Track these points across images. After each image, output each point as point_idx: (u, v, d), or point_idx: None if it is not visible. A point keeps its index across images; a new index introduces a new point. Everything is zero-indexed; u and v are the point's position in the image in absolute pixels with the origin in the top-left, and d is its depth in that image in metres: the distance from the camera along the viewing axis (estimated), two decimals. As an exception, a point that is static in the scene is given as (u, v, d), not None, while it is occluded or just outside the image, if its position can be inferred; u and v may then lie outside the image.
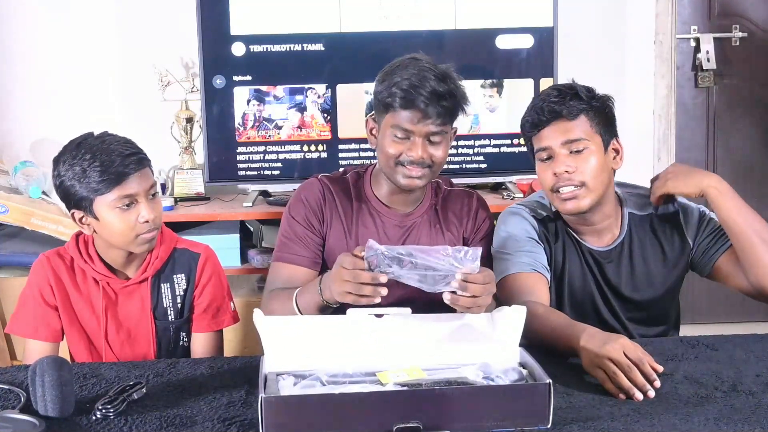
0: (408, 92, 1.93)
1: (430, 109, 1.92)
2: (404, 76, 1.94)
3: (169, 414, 1.54)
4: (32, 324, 2.01)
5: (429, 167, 1.99)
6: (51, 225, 3.07)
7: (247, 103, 3.27)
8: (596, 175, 1.96)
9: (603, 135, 1.99)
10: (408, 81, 1.93)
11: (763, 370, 1.72)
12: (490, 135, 3.34)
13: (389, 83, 1.96)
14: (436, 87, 1.92)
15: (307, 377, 1.50)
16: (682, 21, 3.87)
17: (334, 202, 2.09)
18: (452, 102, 1.95)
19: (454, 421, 1.41)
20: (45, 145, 3.42)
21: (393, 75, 1.97)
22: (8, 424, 1.47)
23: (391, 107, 1.96)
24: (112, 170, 1.86)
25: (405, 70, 1.96)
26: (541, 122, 1.99)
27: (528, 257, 2.02)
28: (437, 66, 1.97)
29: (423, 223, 2.10)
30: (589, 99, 1.98)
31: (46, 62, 3.52)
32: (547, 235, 2.07)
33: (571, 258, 2.06)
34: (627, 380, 1.59)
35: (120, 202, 1.88)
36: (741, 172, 4.01)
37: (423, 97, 1.92)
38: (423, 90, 1.92)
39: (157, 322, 2.04)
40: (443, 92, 1.93)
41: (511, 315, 1.57)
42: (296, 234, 2.07)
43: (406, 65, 1.98)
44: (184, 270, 2.06)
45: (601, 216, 2.03)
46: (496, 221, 2.14)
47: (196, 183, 3.40)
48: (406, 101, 1.93)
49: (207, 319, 2.07)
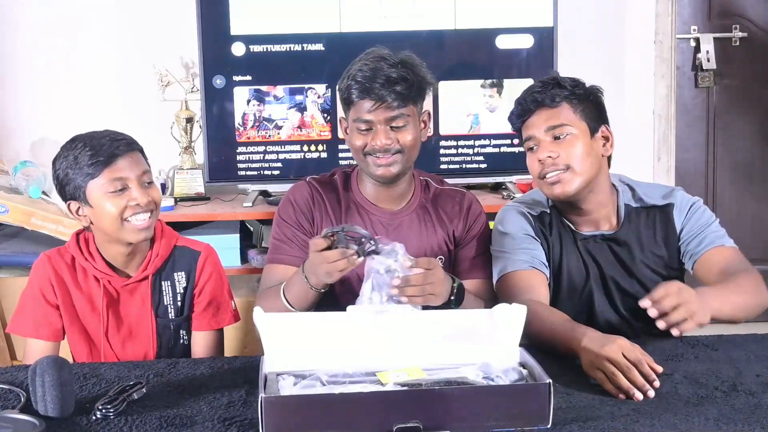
0: (362, 82, 1.98)
1: (384, 94, 1.96)
2: (358, 67, 2.00)
3: (169, 414, 1.54)
4: (33, 323, 2.01)
5: (400, 152, 2.01)
6: (51, 225, 3.07)
7: (247, 103, 3.27)
8: (582, 159, 1.97)
9: (589, 122, 2.00)
10: (362, 72, 1.99)
11: (763, 370, 1.72)
12: (490, 135, 3.34)
13: (346, 79, 2.02)
14: (390, 73, 1.97)
15: (307, 377, 1.50)
16: (682, 21, 3.87)
17: (323, 204, 2.11)
18: (407, 85, 1.98)
19: (454, 421, 1.41)
20: (45, 145, 3.43)
21: (349, 70, 2.03)
22: (8, 424, 1.46)
23: (351, 101, 2.01)
24: (101, 152, 1.89)
25: (359, 62, 2.02)
26: (524, 112, 2.02)
27: (526, 254, 2.02)
28: (392, 55, 2.02)
29: (412, 221, 2.11)
30: (573, 87, 2.00)
31: (46, 62, 3.52)
32: (543, 231, 2.07)
33: (568, 249, 2.06)
34: (626, 381, 1.59)
35: (111, 186, 1.89)
36: (741, 172, 4.01)
37: (377, 85, 1.96)
38: (377, 78, 1.97)
39: (157, 320, 2.04)
40: (397, 77, 1.97)
41: (511, 315, 1.57)
42: (287, 236, 2.10)
43: (360, 59, 2.03)
44: (184, 268, 2.06)
45: (595, 204, 2.03)
46: (494, 220, 2.15)
47: (196, 183, 3.40)
48: (361, 91, 1.99)
49: (207, 317, 2.07)
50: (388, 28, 3.26)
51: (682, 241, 2.06)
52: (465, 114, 3.34)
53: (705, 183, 3.98)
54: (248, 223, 3.38)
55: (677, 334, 1.69)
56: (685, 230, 2.05)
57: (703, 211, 2.07)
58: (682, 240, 2.05)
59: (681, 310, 1.68)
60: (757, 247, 3.93)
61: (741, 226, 3.86)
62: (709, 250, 2.02)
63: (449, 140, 3.33)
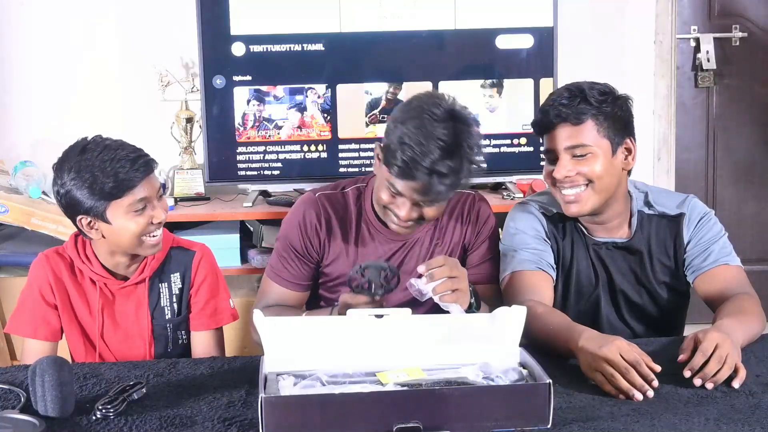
0: (406, 165, 1.82)
1: (427, 185, 1.83)
2: (410, 138, 1.81)
3: (169, 414, 1.54)
4: (31, 323, 2.01)
5: (421, 219, 1.95)
6: (51, 225, 3.06)
7: (247, 103, 3.27)
8: (600, 178, 1.95)
9: (612, 138, 1.96)
10: (411, 150, 1.80)
11: (763, 370, 1.72)
12: (490, 135, 3.33)
13: (395, 139, 1.84)
14: (439, 164, 1.80)
15: (307, 377, 1.50)
16: (682, 21, 3.87)
17: (331, 223, 2.07)
18: (453, 180, 1.84)
19: (454, 421, 1.41)
20: (45, 145, 3.42)
21: (401, 128, 1.84)
22: (8, 424, 1.47)
23: (390, 167, 1.86)
24: (124, 180, 1.86)
25: (414, 128, 1.82)
26: (548, 125, 1.97)
27: (534, 255, 2.01)
28: (452, 127, 1.83)
29: (424, 239, 2.09)
30: (599, 103, 1.94)
31: (46, 62, 3.51)
32: (555, 233, 2.06)
33: (579, 253, 2.05)
34: (625, 382, 1.59)
35: (134, 206, 1.89)
36: (741, 172, 4.01)
37: (422, 172, 1.82)
38: (423, 163, 1.80)
39: (154, 321, 2.04)
40: (446, 171, 1.82)
41: (511, 315, 1.57)
42: (290, 256, 2.09)
43: (417, 116, 1.83)
44: (179, 269, 2.06)
45: (610, 214, 2.02)
46: (506, 216, 2.13)
47: (196, 183, 3.40)
48: (403, 173, 1.83)
49: (205, 317, 2.07)
50: (388, 28, 3.25)
51: (687, 253, 2.04)
52: (465, 114, 3.34)
53: (705, 183, 3.98)
54: (248, 223, 3.38)
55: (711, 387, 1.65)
56: (692, 242, 2.03)
57: (712, 225, 2.04)
58: (687, 251, 2.04)
59: (724, 368, 1.65)
60: (757, 247, 3.93)
61: (741, 226, 3.86)
62: (713, 267, 2.00)
63: (449, 140, 3.33)
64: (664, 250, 2.05)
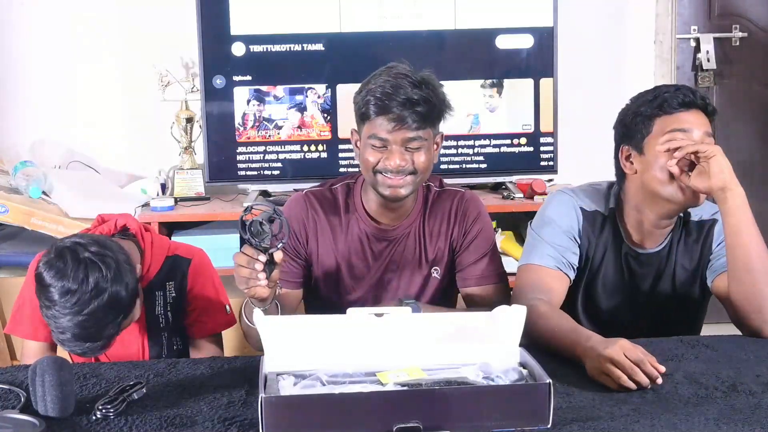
0: (381, 99, 1.91)
1: (405, 115, 1.90)
2: (378, 83, 1.93)
3: (169, 414, 1.54)
4: (30, 324, 2.00)
5: (412, 174, 1.96)
6: (51, 225, 3.07)
7: (247, 103, 3.27)
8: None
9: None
10: (382, 88, 1.92)
11: (763, 370, 1.72)
12: (490, 135, 3.34)
13: (365, 92, 1.95)
14: (411, 93, 1.90)
15: (307, 377, 1.49)
16: (682, 21, 3.87)
17: (318, 220, 2.08)
18: (428, 107, 1.92)
19: (454, 421, 1.41)
20: (45, 145, 3.42)
21: (368, 84, 1.96)
22: (8, 424, 1.47)
23: (367, 116, 1.94)
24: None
25: (380, 77, 1.95)
26: (684, 104, 1.96)
27: (557, 252, 1.98)
28: (415, 72, 1.95)
29: (410, 235, 2.08)
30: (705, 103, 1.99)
31: (47, 62, 3.52)
32: (590, 231, 2.01)
33: (610, 257, 2.02)
34: (631, 382, 1.59)
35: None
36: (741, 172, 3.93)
37: (397, 103, 1.90)
38: (397, 96, 1.90)
39: (149, 329, 2.03)
40: (418, 98, 1.90)
41: (511, 315, 1.57)
42: None
43: (381, 73, 1.96)
44: (175, 277, 2.04)
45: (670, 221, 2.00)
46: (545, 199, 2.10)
47: (196, 183, 3.40)
48: (380, 108, 1.91)
49: (202, 324, 2.06)
50: (388, 28, 3.26)
51: (713, 255, 2.03)
52: (465, 114, 3.34)
53: (705, 183, 3.98)
54: (248, 223, 3.38)
55: None
56: (719, 246, 2.01)
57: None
58: (713, 254, 2.02)
59: None
60: (757, 247, 3.93)
61: (741, 226, 3.85)
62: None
63: (449, 140, 3.33)
64: (690, 255, 2.03)
